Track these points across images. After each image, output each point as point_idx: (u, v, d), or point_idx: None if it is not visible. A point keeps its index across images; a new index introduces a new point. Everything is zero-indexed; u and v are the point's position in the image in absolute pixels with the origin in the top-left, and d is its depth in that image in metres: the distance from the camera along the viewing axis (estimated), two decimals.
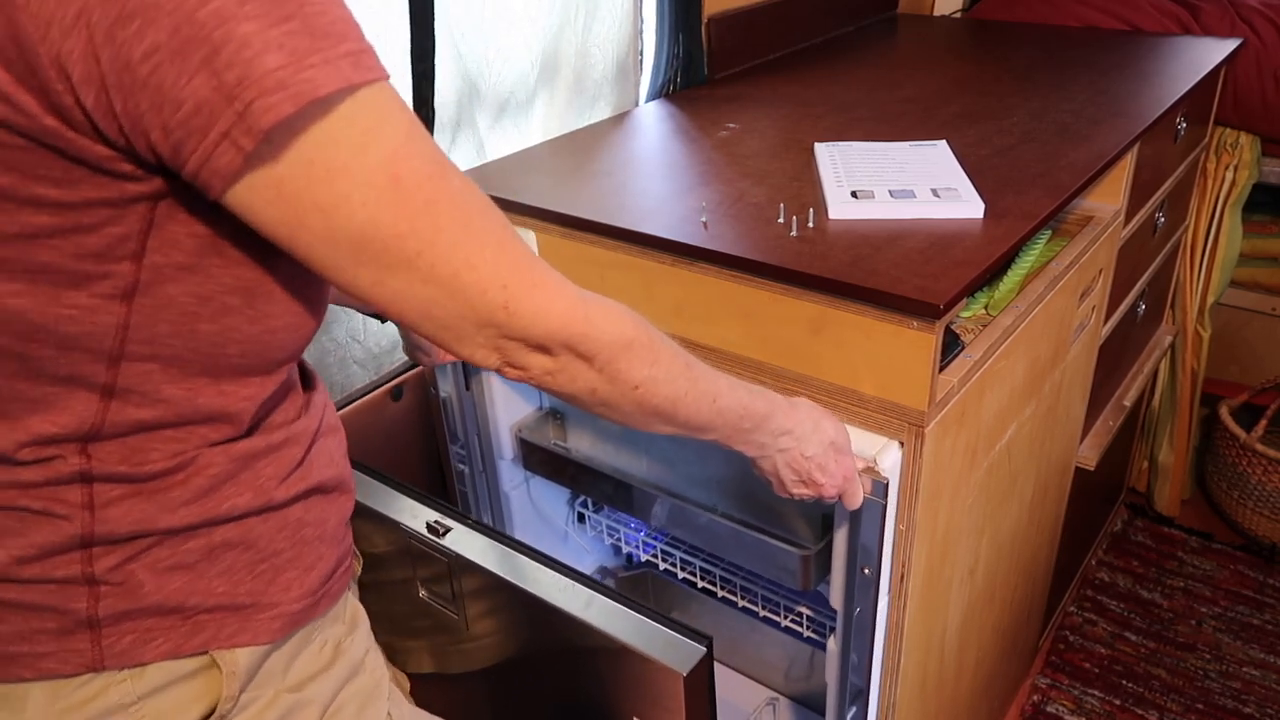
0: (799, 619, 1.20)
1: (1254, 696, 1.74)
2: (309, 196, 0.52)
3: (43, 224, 0.53)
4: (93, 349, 0.57)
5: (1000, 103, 1.38)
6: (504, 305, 0.59)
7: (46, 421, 0.58)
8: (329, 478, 0.71)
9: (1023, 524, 1.34)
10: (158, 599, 0.62)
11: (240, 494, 0.64)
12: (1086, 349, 1.38)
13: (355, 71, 0.51)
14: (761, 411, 0.79)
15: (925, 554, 1.01)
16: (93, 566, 0.61)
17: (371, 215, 0.53)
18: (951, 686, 1.27)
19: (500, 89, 1.26)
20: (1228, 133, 1.82)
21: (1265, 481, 1.99)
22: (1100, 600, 1.96)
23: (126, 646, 0.62)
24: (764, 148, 1.23)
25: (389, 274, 0.56)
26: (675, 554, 1.26)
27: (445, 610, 0.98)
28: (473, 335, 0.60)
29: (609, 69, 1.39)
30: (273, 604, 0.66)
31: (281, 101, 0.48)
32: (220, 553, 0.64)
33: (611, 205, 1.07)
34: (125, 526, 0.61)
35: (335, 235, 0.53)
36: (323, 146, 0.51)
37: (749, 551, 1.08)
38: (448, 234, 0.56)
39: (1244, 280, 2.00)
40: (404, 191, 0.54)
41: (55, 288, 0.55)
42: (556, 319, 0.61)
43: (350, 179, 0.52)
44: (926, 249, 0.94)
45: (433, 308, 0.58)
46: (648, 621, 0.85)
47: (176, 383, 0.60)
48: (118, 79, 0.48)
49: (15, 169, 0.51)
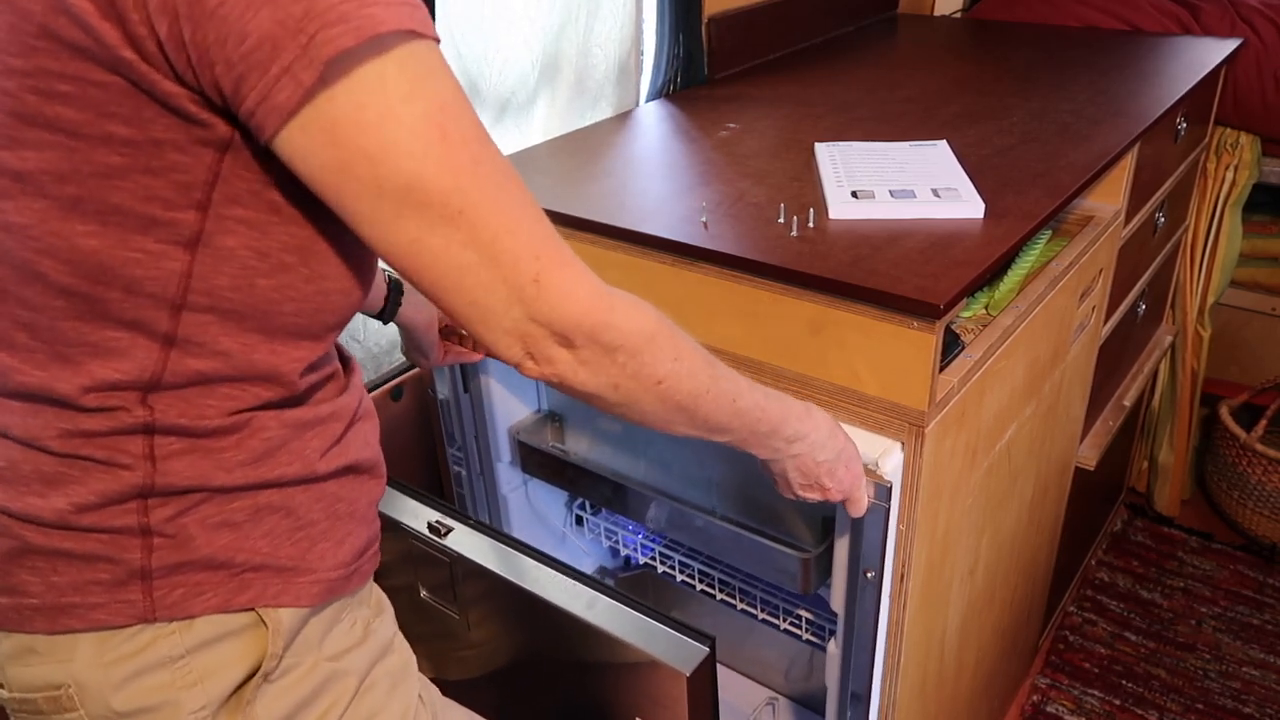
0: (798, 622, 1.20)
1: (1254, 696, 1.74)
2: (358, 141, 0.52)
3: (114, 164, 0.55)
4: (156, 294, 0.59)
5: (1000, 103, 1.38)
6: (535, 278, 0.58)
7: (109, 368, 0.60)
8: (365, 458, 0.72)
9: (1023, 524, 1.34)
10: (208, 553, 0.63)
11: (290, 463, 0.66)
12: (1086, 349, 1.38)
13: (412, 20, 0.53)
14: (778, 415, 0.79)
15: (925, 554, 1.01)
16: (148, 517, 0.62)
17: (418, 167, 0.54)
18: (951, 686, 1.27)
19: (501, 89, 1.26)
20: (1228, 133, 1.82)
21: (1265, 481, 1.99)
22: (1100, 600, 1.96)
23: (177, 599, 0.63)
24: (764, 148, 1.23)
25: (429, 231, 0.56)
26: (674, 556, 1.26)
27: (446, 611, 0.98)
28: (501, 314, 0.59)
29: (610, 69, 1.39)
30: (311, 569, 0.68)
31: (343, 34, 0.50)
32: (264, 515, 0.65)
33: (611, 205, 1.07)
34: (184, 480, 0.62)
35: (381, 184, 0.54)
36: (374, 91, 0.52)
37: (748, 554, 1.08)
38: (491, 196, 0.56)
39: (1244, 280, 2.00)
40: (451, 146, 0.54)
41: (125, 230, 0.57)
42: (583, 301, 0.60)
43: (399, 126, 0.53)
44: (926, 249, 0.94)
45: (466, 275, 0.58)
46: (650, 621, 0.85)
47: (233, 336, 0.61)
48: (189, 9, 0.49)
49: (91, 105, 0.53)
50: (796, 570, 1.03)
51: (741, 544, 1.07)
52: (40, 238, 0.57)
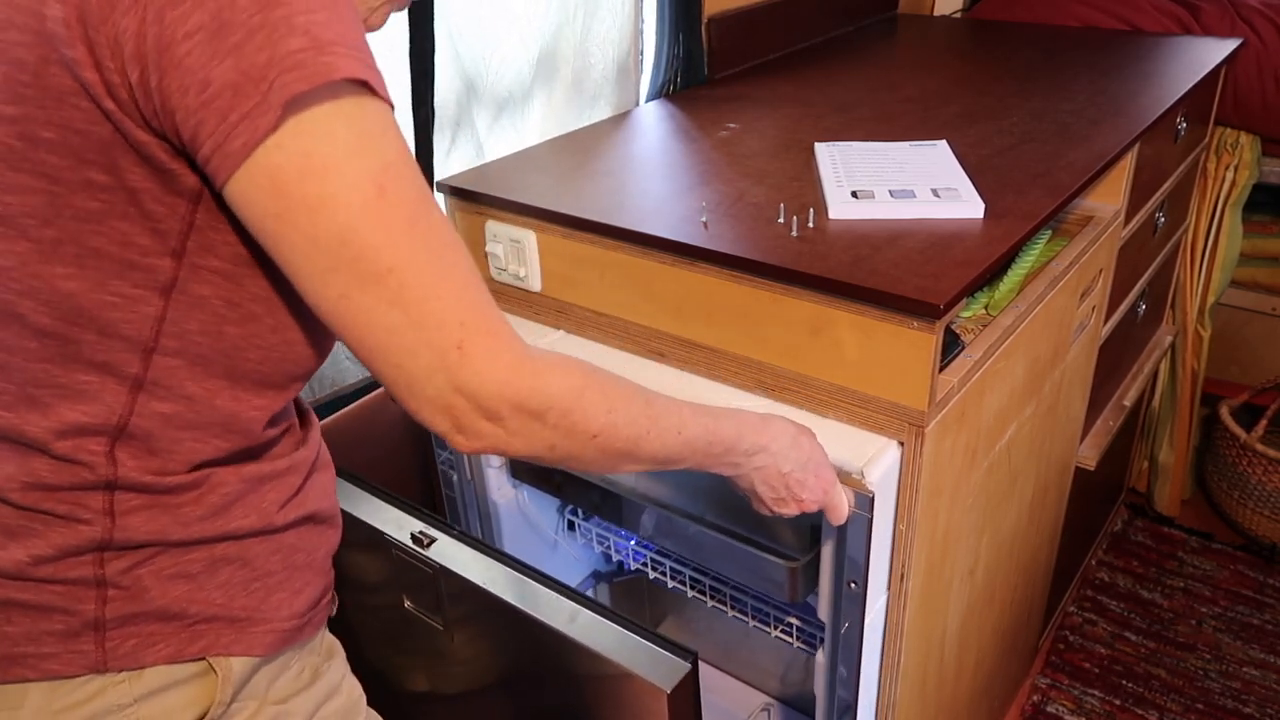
0: (789, 629, 1.18)
1: (1254, 696, 1.74)
2: (300, 190, 0.53)
3: (93, 209, 0.56)
4: (130, 337, 0.60)
5: (1000, 103, 1.38)
6: (459, 344, 0.58)
7: (78, 411, 0.61)
8: (323, 509, 0.74)
9: (1023, 524, 1.34)
10: (162, 604, 0.64)
11: (246, 516, 0.67)
12: (1086, 349, 1.38)
13: (368, 74, 0.54)
14: (730, 434, 0.78)
15: (925, 554, 1.01)
16: (104, 569, 0.63)
17: (353, 219, 0.54)
18: (951, 687, 1.27)
19: (498, 88, 1.26)
20: (1228, 133, 1.82)
21: (1265, 481, 1.99)
22: (1100, 600, 1.96)
23: (130, 649, 0.64)
24: (764, 148, 1.23)
25: (359, 287, 0.56)
26: (665, 563, 1.24)
27: (430, 622, 0.97)
28: (424, 382, 0.59)
29: (608, 69, 1.39)
30: (265, 619, 0.69)
31: (299, 79, 0.51)
32: (220, 566, 0.67)
33: (611, 205, 1.07)
34: (141, 535, 0.63)
35: (317, 235, 0.54)
36: (321, 140, 0.53)
37: (736, 563, 1.06)
38: (422, 257, 0.57)
39: (1244, 280, 2.00)
40: (388, 203, 0.55)
41: (103, 274, 0.58)
42: (506, 369, 0.60)
43: (341, 178, 0.54)
44: (926, 249, 0.94)
45: (391, 336, 0.57)
46: (631, 636, 0.83)
47: (199, 381, 0.62)
48: (158, 57, 0.51)
49: (72, 152, 0.55)
50: (784, 579, 1.02)
51: (729, 552, 1.05)
52: (21, 280, 0.58)
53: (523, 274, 1.12)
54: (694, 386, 1.03)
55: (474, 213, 1.14)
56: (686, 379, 1.04)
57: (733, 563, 1.07)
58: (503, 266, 1.14)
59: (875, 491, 0.89)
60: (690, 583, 1.23)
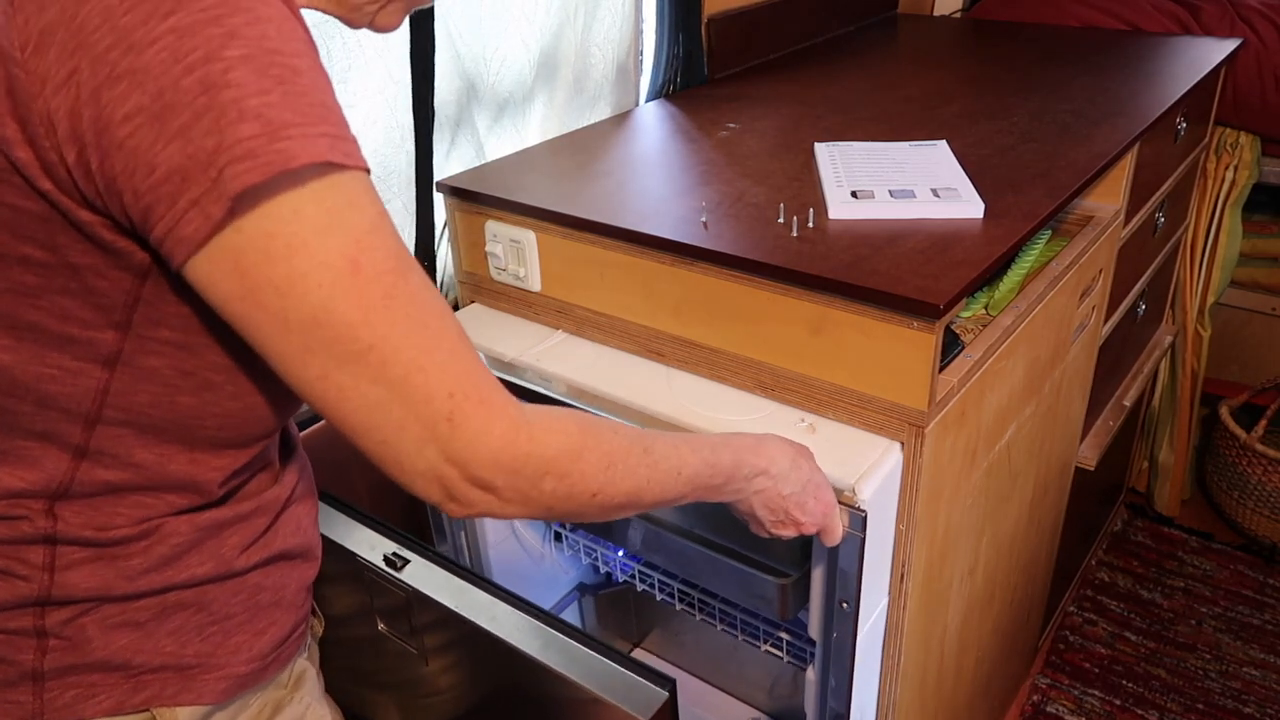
0: (779, 643, 1.17)
1: (1254, 696, 1.74)
2: (266, 271, 0.51)
3: (30, 283, 0.53)
4: (70, 409, 0.57)
5: (1000, 103, 1.38)
6: (449, 415, 0.55)
7: (14, 476, 0.58)
8: (294, 545, 0.71)
9: (1023, 524, 1.34)
10: (104, 655, 0.62)
11: (201, 563, 0.64)
12: (1086, 349, 1.38)
13: (331, 152, 0.50)
14: (729, 464, 0.76)
15: (925, 554, 1.01)
16: (44, 620, 0.61)
17: (326, 298, 0.51)
18: (951, 686, 1.27)
19: (499, 89, 1.26)
20: (1228, 133, 1.82)
21: (1265, 481, 1.99)
22: (1100, 600, 1.96)
23: (69, 701, 0.62)
24: (764, 148, 1.23)
25: (337, 367, 0.53)
26: (653, 575, 1.23)
27: (404, 645, 0.95)
28: (415, 456, 0.56)
29: (608, 69, 1.39)
30: (219, 665, 0.66)
31: (251, 170, 0.48)
32: (172, 612, 0.64)
33: (611, 205, 1.07)
34: (81, 591, 0.61)
35: (288, 316, 0.52)
36: (286, 220, 0.50)
37: (726, 579, 1.04)
38: (402, 330, 0.54)
39: (1244, 280, 2.00)
40: (362, 279, 0.52)
41: (40, 346, 0.55)
42: (500, 437, 0.57)
43: (309, 257, 0.51)
44: (926, 249, 0.94)
45: (376, 413, 0.55)
46: (607, 663, 0.81)
47: (149, 448, 0.60)
48: (96, 139, 0.48)
49: (6, 227, 0.52)
50: (774, 596, 1.00)
51: (718, 568, 1.03)
52: None
53: (523, 274, 1.12)
54: (694, 386, 1.03)
55: (474, 213, 1.14)
56: (686, 379, 1.04)
57: (722, 579, 1.05)
58: (503, 266, 1.14)
59: (869, 510, 0.87)
60: (679, 595, 1.22)
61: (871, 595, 0.96)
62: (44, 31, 0.48)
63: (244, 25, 0.48)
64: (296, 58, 0.50)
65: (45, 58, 0.48)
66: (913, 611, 1.02)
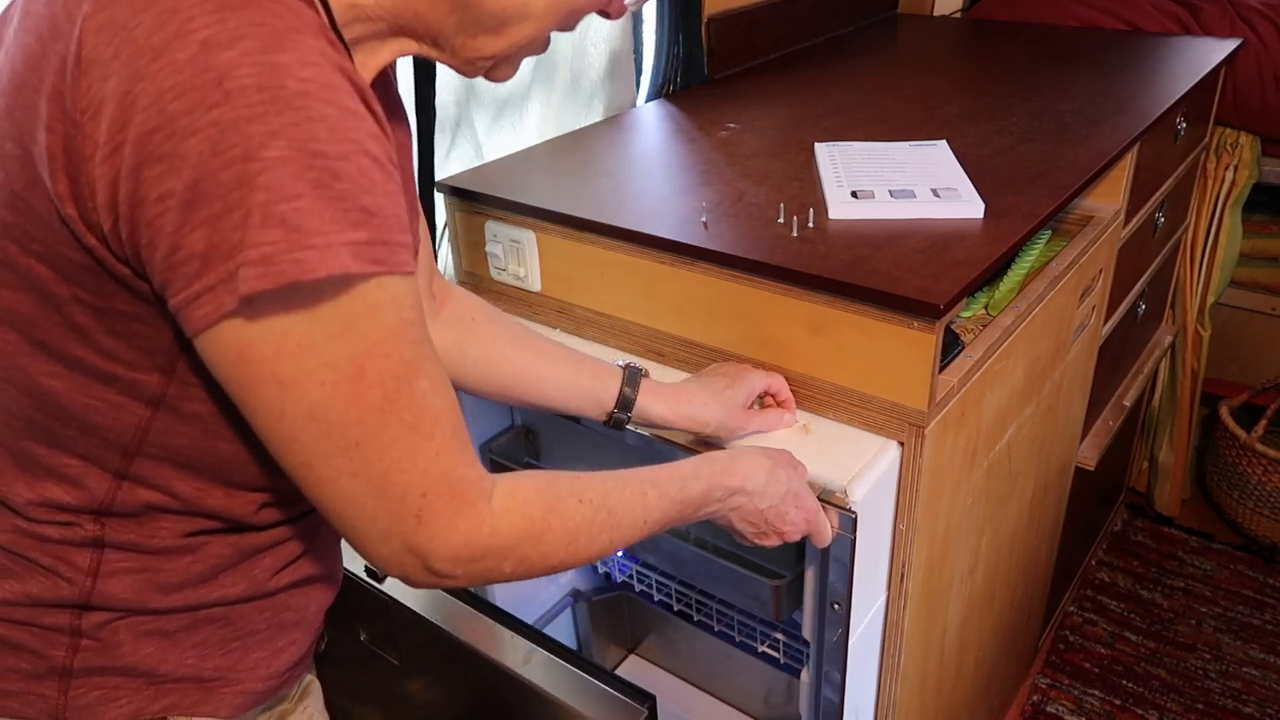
0: (775, 645, 1.16)
1: (1254, 696, 1.74)
2: (271, 366, 0.51)
3: (81, 322, 0.55)
4: (111, 440, 0.59)
5: (1000, 103, 1.38)
6: (418, 514, 0.57)
7: (61, 490, 0.60)
8: (320, 570, 0.72)
9: (1023, 524, 1.34)
10: (131, 661, 0.63)
11: (236, 583, 0.66)
12: (1086, 349, 1.38)
13: (355, 262, 0.50)
14: (699, 494, 0.76)
15: (925, 554, 1.01)
16: (80, 621, 0.62)
17: (326, 397, 0.52)
18: (951, 686, 1.27)
19: (497, 90, 1.26)
20: (1228, 133, 1.82)
21: (1265, 481, 1.99)
22: (1100, 600, 1.96)
23: (91, 701, 0.63)
24: (764, 148, 1.23)
25: (321, 460, 0.54)
26: (650, 576, 1.22)
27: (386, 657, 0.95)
28: (379, 543, 0.58)
29: (605, 69, 1.39)
30: (237, 680, 0.67)
31: (263, 276, 0.48)
32: (201, 626, 0.65)
33: (611, 205, 1.07)
34: (119, 601, 0.62)
35: (285, 408, 0.52)
36: (299, 322, 0.51)
37: (719, 580, 1.04)
38: (393, 433, 0.54)
39: (1244, 280, 2.00)
40: (365, 384, 0.53)
41: (88, 379, 0.57)
42: (461, 534, 0.58)
43: (317, 357, 0.51)
44: (926, 249, 0.94)
45: (351, 504, 0.56)
46: (588, 679, 0.81)
47: (188, 481, 0.61)
48: (129, 211, 0.49)
49: (60, 269, 0.54)
50: (768, 597, 1.00)
51: (712, 569, 1.03)
52: (5, 368, 0.58)
53: (523, 274, 1.12)
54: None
55: (474, 213, 1.14)
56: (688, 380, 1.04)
57: (717, 580, 1.05)
58: (503, 266, 1.14)
59: (859, 511, 0.87)
60: (676, 596, 1.21)
61: (866, 595, 0.96)
62: (103, 100, 0.48)
63: (290, 125, 0.47)
64: (344, 160, 0.49)
65: (99, 126, 0.48)
66: (913, 611, 1.02)
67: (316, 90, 0.48)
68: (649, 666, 1.50)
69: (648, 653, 1.51)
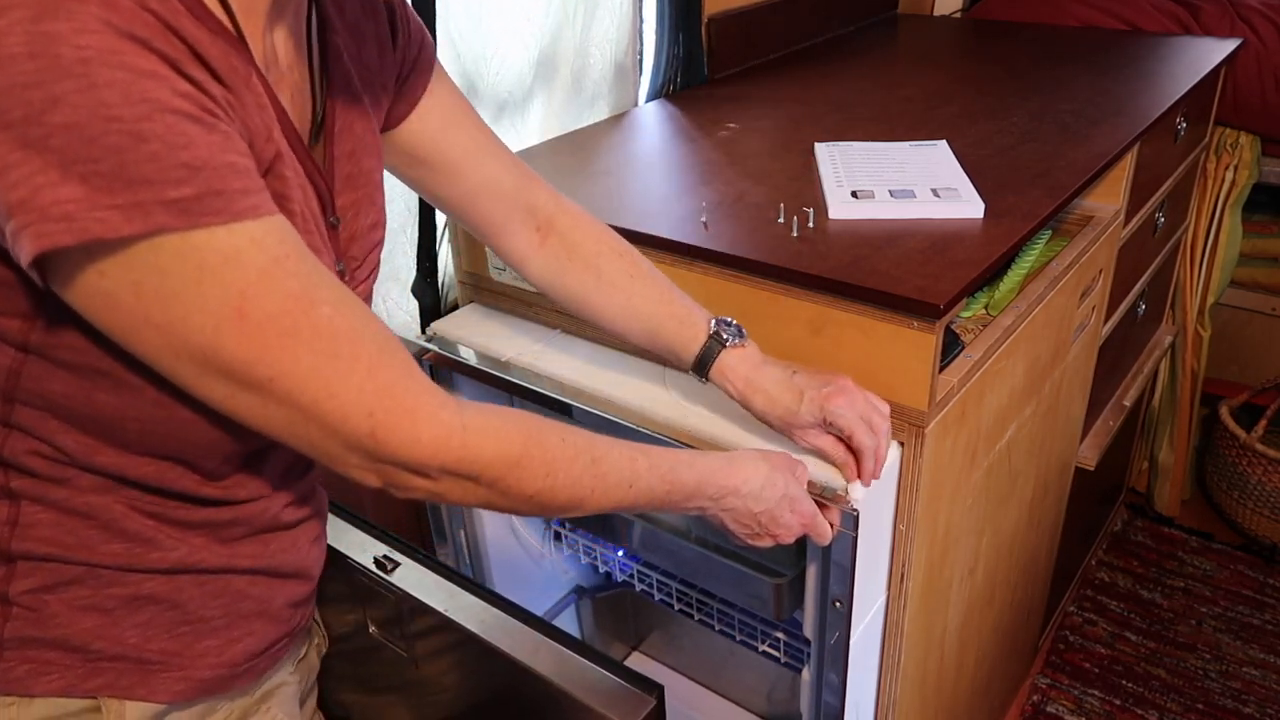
0: (776, 644, 1.16)
1: (1254, 696, 1.74)
2: (141, 312, 0.50)
3: None
4: None
5: (1000, 103, 1.38)
6: (370, 433, 0.56)
7: None
8: (286, 564, 0.71)
9: (1023, 524, 1.34)
10: (64, 634, 0.62)
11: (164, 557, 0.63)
12: (1086, 349, 1.38)
13: (180, 218, 0.48)
14: (691, 482, 0.76)
15: (925, 554, 1.01)
16: (9, 586, 0.61)
17: (212, 340, 0.51)
18: (951, 686, 1.27)
19: (498, 89, 1.26)
20: (1228, 133, 1.82)
21: (1265, 481, 1.99)
22: (1100, 600, 1.96)
23: (21, 674, 0.61)
24: (764, 148, 1.23)
25: (240, 391, 0.53)
26: (652, 575, 1.22)
27: (395, 648, 0.95)
28: (343, 457, 0.57)
29: (607, 69, 1.39)
30: (183, 666, 0.66)
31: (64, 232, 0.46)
32: (143, 605, 0.64)
33: (611, 205, 1.07)
34: (41, 553, 0.60)
35: (176, 349, 0.51)
36: (148, 274, 0.49)
37: (721, 578, 1.04)
38: (306, 364, 0.53)
39: (1244, 280, 2.00)
40: (251, 323, 0.51)
41: None
42: (427, 446, 0.57)
43: (186, 304, 0.50)
44: (926, 249, 0.94)
45: (293, 428, 0.55)
46: (596, 669, 0.81)
47: (72, 435, 0.59)
48: None
49: None
50: (769, 596, 1.00)
51: (714, 568, 1.03)
52: None
53: None
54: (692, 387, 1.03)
55: None
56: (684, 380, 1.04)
57: (718, 578, 1.05)
58: (502, 266, 1.14)
59: (861, 509, 0.87)
60: (677, 595, 1.21)
61: (867, 594, 0.96)
62: None
63: (73, 92, 0.46)
64: (145, 121, 0.47)
65: None
66: (913, 611, 1.02)
67: (98, 56, 0.46)
68: (653, 663, 1.51)
69: (651, 649, 1.52)
